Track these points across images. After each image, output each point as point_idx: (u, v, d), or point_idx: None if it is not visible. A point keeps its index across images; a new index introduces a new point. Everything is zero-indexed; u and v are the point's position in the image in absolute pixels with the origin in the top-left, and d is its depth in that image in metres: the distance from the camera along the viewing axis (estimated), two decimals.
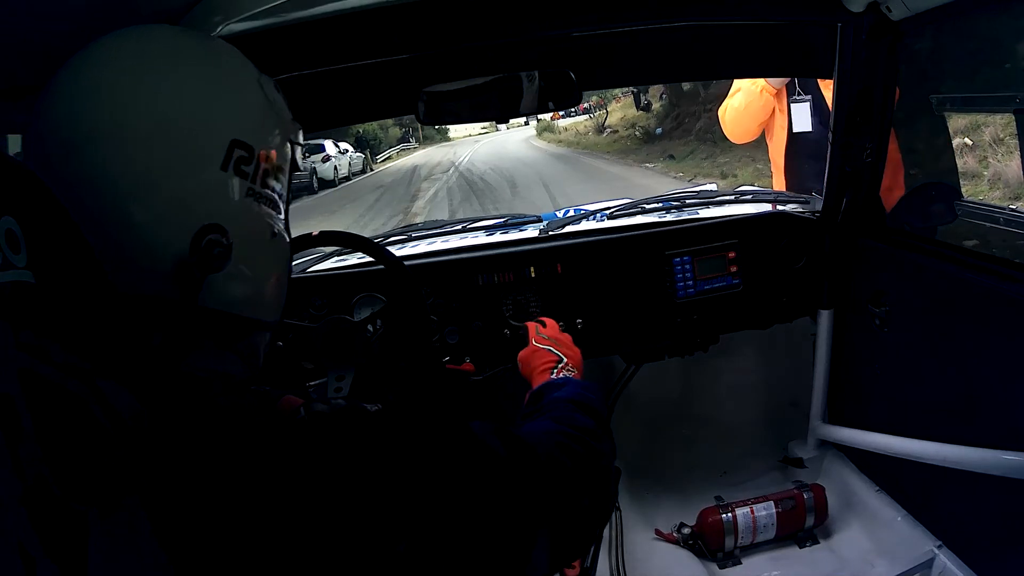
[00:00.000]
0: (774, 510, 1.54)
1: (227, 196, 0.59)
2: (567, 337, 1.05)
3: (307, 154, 14.72)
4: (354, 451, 0.52)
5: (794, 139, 2.26)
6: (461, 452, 0.57)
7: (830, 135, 1.49)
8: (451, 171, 16.74)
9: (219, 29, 1.02)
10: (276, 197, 0.65)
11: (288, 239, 0.69)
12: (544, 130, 27.61)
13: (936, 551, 1.32)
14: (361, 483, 0.51)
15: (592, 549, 1.37)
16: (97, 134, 0.55)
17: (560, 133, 25.46)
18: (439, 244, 1.79)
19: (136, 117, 0.56)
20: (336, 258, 1.70)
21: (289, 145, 0.67)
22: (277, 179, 0.64)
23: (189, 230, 0.57)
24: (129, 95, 0.56)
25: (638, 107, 16.46)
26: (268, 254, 0.65)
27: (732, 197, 1.88)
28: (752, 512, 1.54)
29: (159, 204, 0.56)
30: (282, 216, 0.67)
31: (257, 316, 0.64)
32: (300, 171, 0.71)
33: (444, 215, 9.86)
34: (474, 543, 0.55)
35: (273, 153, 0.63)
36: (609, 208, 1.85)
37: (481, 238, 1.81)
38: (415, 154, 26.48)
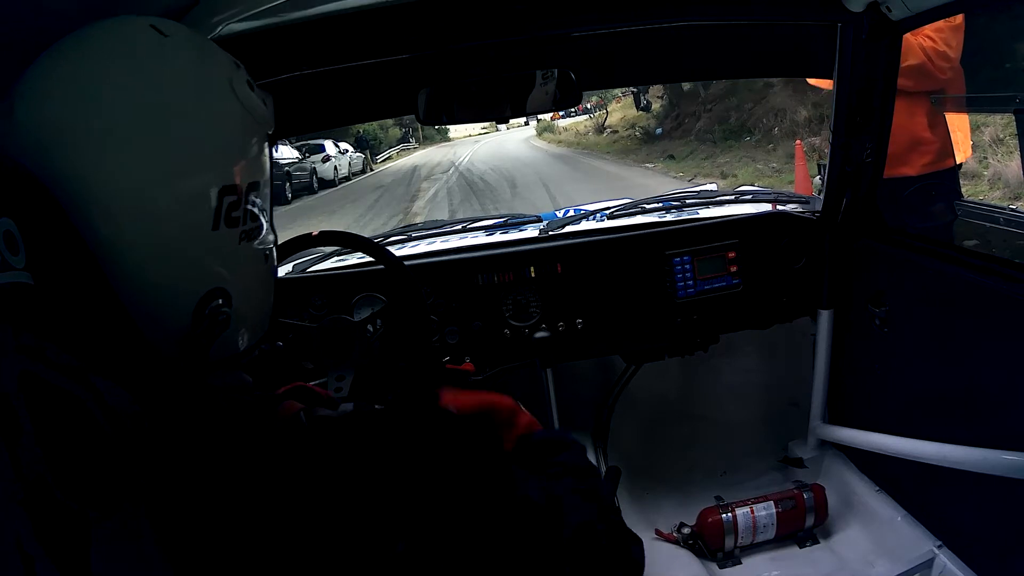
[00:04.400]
0: (774, 510, 1.53)
1: (222, 253, 0.53)
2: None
3: (307, 154, 14.71)
4: (356, 454, 0.52)
5: None
6: (468, 456, 0.55)
7: (831, 135, 1.49)
8: (451, 171, 16.69)
9: (219, 29, 1.02)
10: (263, 219, 0.57)
11: (274, 245, 0.63)
12: (544, 130, 27.55)
13: (936, 551, 1.32)
14: (362, 485, 0.50)
15: None
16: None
17: (560, 133, 25.39)
18: (439, 244, 1.79)
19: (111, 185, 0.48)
20: (336, 258, 1.70)
21: (267, 146, 0.59)
22: (260, 196, 0.56)
23: (189, 304, 0.52)
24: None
25: (638, 107, 16.44)
26: (265, 280, 0.61)
27: (732, 197, 1.88)
28: (752, 512, 1.53)
29: (150, 285, 0.50)
30: (268, 227, 0.59)
31: (256, 340, 0.61)
32: (301, 171, 0.67)
33: (444, 215, 9.82)
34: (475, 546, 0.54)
35: (255, 171, 0.55)
36: (609, 208, 1.85)
37: (481, 238, 1.81)
38: (415, 154, 26.41)
